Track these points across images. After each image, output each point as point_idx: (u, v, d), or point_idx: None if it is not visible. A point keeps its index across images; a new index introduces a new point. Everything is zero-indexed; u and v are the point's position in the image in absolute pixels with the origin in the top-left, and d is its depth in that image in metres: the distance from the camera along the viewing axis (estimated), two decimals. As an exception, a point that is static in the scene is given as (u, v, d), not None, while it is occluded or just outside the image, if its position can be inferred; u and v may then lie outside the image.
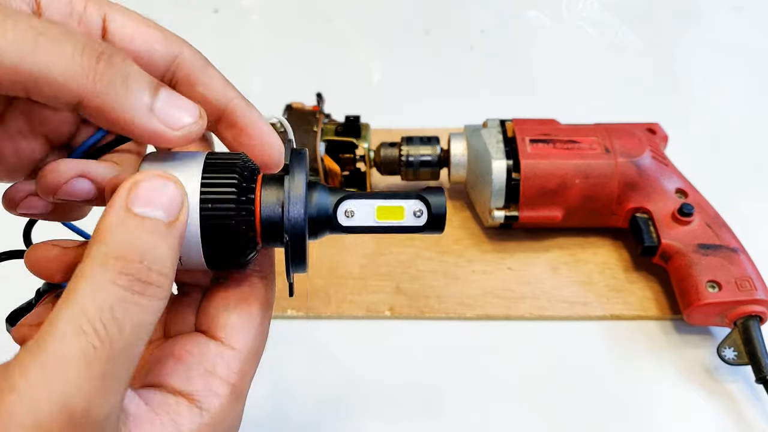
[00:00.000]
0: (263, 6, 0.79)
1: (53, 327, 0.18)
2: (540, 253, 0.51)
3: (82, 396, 0.18)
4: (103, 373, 0.18)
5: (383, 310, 0.48)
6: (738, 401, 0.43)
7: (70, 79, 0.20)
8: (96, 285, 0.19)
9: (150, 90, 0.22)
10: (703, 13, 0.77)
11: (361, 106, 0.55)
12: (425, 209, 0.26)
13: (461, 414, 0.43)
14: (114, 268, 0.19)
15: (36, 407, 0.17)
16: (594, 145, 0.49)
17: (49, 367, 0.18)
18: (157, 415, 0.22)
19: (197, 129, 0.23)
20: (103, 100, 0.21)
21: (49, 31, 0.20)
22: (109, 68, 0.21)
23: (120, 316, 0.19)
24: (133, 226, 0.20)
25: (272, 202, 0.24)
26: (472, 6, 0.77)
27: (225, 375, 0.24)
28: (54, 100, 0.20)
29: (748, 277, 0.44)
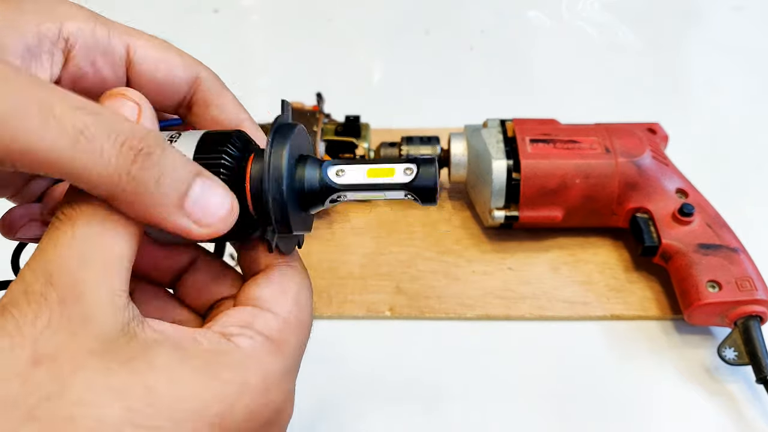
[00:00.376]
0: (263, 6, 0.79)
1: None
2: (540, 253, 0.51)
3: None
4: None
5: (383, 310, 0.48)
6: (738, 401, 0.43)
7: (103, 180, 0.20)
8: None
9: (185, 185, 0.22)
10: (703, 13, 0.77)
11: (361, 106, 0.55)
12: (415, 168, 0.25)
13: (461, 414, 0.43)
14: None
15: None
16: (594, 145, 0.49)
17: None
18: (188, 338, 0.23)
19: (224, 227, 0.23)
20: (132, 200, 0.21)
21: (89, 128, 0.20)
22: (143, 170, 0.21)
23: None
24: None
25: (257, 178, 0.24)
26: (472, 6, 0.77)
27: (261, 327, 0.25)
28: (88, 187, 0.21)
29: (749, 277, 0.44)
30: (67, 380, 0.20)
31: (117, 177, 0.20)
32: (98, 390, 0.20)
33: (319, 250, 0.51)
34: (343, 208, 0.55)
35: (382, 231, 0.53)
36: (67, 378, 0.20)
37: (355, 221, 0.54)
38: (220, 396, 0.22)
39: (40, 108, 0.19)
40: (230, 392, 0.22)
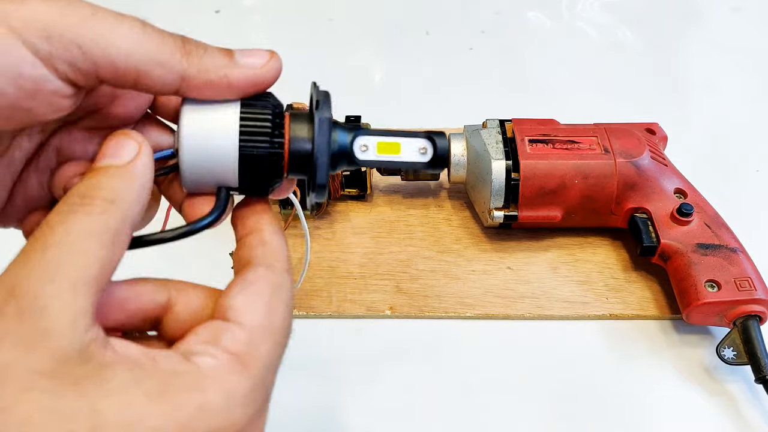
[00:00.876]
0: (264, 6, 0.80)
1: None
2: (539, 252, 0.51)
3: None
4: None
5: (383, 309, 0.48)
6: (737, 401, 0.43)
7: (173, 63, 0.25)
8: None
9: (226, 53, 0.26)
10: (702, 13, 0.77)
11: (362, 106, 0.55)
12: (431, 147, 0.28)
13: (461, 413, 0.43)
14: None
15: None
16: (593, 146, 0.49)
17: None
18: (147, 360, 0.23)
19: (277, 64, 0.27)
20: (197, 68, 0.25)
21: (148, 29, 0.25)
22: (193, 47, 0.26)
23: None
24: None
25: (300, 138, 0.27)
26: (472, 6, 0.78)
27: (227, 344, 0.24)
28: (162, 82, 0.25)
29: (748, 277, 0.44)
30: (15, 398, 0.19)
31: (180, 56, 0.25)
32: (43, 412, 0.19)
33: (319, 249, 0.51)
34: (344, 208, 0.55)
35: (382, 231, 0.53)
36: (16, 396, 0.19)
37: (355, 221, 0.54)
38: (174, 420, 0.21)
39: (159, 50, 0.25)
40: (185, 416, 0.21)
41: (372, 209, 0.55)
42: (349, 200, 0.56)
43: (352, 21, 0.76)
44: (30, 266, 0.21)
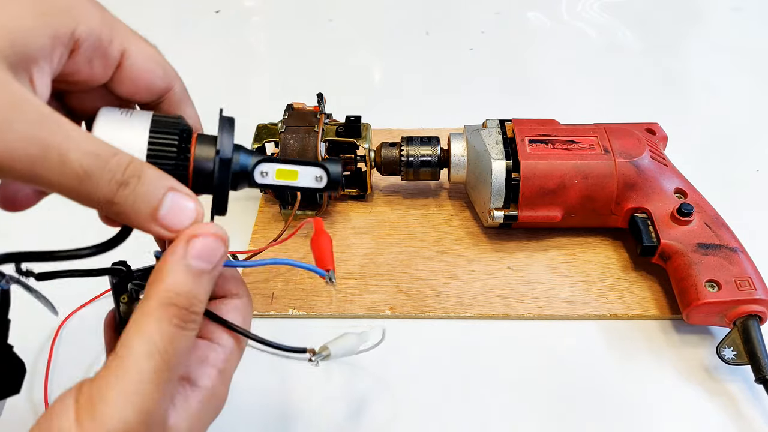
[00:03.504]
0: (264, 7, 0.80)
1: (129, 351, 0.25)
2: (539, 252, 0.51)
3: (154, 402, 0.25)
4: (166, 384, 0.25)
5: (383, 309, 0.48)
6: (737, 401, 0.43)
7: (97, 202, 0.26)
8: (160, 322, 0.26)
9: (155, 202, 0.27)
10: (702, 13, 0.77)
11: (362, 107, 0.56)
12: (325, 176, 0.31)
13: (461, 413, 0.43)
14: (171, 311, 0.26)
15: (123, 413, 0.24)
16: (593, 146, 0.49)
17: (130, 382, 0.24)
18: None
19: (191, 231, 0.27)
20: (118, 214, 0.26)
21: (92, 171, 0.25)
22: (123, 196, 0.26)
23: (176, 344, 0.26)
24: (186, 276, 0.27)
25: (203, 158, 0.29)
26: (472, 6, 0.78)
27: (213, 362, 0.30)
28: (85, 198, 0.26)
29: (748, 277, 0.44)
30: None
31: (106, 201, 0.26)
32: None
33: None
34: (344, 208, 0.55)
35: (382, 231, 0.53)
36: None
37: (356, 221, 0.54)
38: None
39: (59, 154, 0.24)
40: None
41: (372, 209, 0.55)
42: (349, 200, 0.56)
43: (351, 21, 0.77)
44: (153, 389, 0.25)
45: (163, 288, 0.26)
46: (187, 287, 0.26)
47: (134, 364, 0.25)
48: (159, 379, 0.25)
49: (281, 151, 0.50)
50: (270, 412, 0.43)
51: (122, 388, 0.24)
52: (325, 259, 0.35)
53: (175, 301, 0.26)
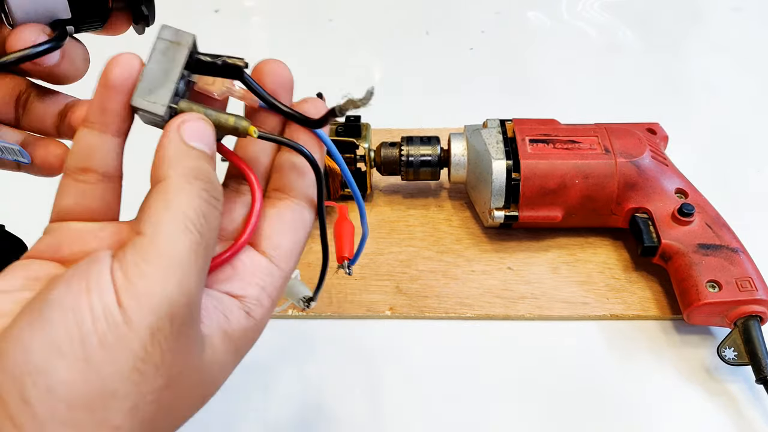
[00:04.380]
0: (264, 6, 0.79)
1: (160, 228, 0.23)
2: (540, 253, 0.51)
3: (194, 281, 0.23)
4: (204, 264, 0.24)
5: (383, 309, 0.48)
6: (738, 401, 0.43)
7: None
8: (190, 196, 0.24)
9: None
10: (703, 13, 0.77)
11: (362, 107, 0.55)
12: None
13: (461, 413, 0.43)
14: (198, 185, 0.24)
15: (167, 289, 0.22)
16: (594, 145, 0.49)
17: (168, 258, 0.22)
18: (211, 307, 0.25)
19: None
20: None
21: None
22: None
23: (209, 218, 0.24)
24: (195, 156, 0.25)
25: None
26: (472, 6, 0.78)
27: (270, 291, 0.27)
28: None
29: (749, 277, 0.44)
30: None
31: None
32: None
33: (320, 249, 0.51)
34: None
35: (382, 231, 0.53)
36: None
37: (356, 221, 0.54)
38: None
39: None
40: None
41: (372, 209, 0.55)
42: (350, 200, 0.56)
43: (351, 21, 0.76)
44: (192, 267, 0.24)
45: (181, 165, 0.24)
46: (202, 164, 0.25)
47: (169, 240, 0.23)
48: (197, 257, 0.23)
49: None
50: (262, 416, 0.43)
51: (161, 264, 0.22)
52: (345, 246, 0.34)
53: (199, 175, 0.24)
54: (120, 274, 0.22)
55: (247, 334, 0.27)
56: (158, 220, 0.23)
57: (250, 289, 0.27)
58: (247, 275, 0.27)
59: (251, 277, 0.27)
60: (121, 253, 0.23)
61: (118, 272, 0.22)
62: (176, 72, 0.26)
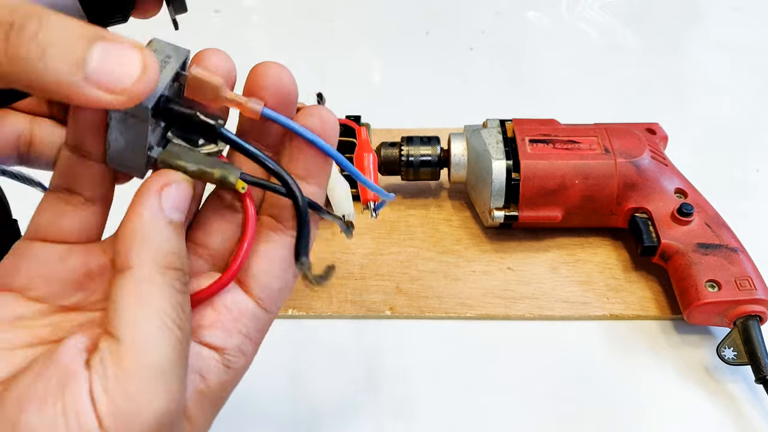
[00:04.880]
0: (264, 6, 0.79)
1: (137, 330, 0.21)
2: (540, 253, 0.51)
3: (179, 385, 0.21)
4: (186, 357, 0.22)
5: (383, 309, 0.48)
6: (738, 401, 0.43)
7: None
8: (163, 288, 0.21)
9: (79, 52, 0.19)
10: (703, 13, 0.77)
11: (362, 106, 0.55)
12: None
13: (461, 413, 0.43)
14: (171, 275, 0.22)
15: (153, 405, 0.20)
16: (594, 146, 0.49)
17: (151, 367, 0.20)
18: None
19: (143, 87, 0.20)
20: (25, 82, 0.19)
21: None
22: (21, 45, 0.18)
23: (185, 306, 0.22)
24: (169, 235, 0.22)
25: None
26: (472, 6, 0.78)
27: (255, 336, 0.25)
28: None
29: (748, 277, 0.44)
30: None
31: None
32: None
33: (320, 249, 0.51)
34: (344, 208, 0.55)
35: (382, 231, 0.53)
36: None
37: (356, 221, 0.54)
38: None
39: None
40: None
41: (372, 209, 0.55)
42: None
43: (351, 21, 0.76)
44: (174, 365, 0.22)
45: (153, 251, 0.22)
46: (176, 245, 0.22)
47: (150, 345, 0.20)
48: (181, 356, 0.21)
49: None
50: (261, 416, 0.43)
51: (145, 376, 0.20)
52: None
53: (173, 262, 0.22)
54: (99, 390, 0.20)
55: (225, 387, 0.24)
56: (134, 321, 0.21)
57: (232, 340, 0.24)
58: (230, 322, 0.24)
59: (234, 323, 0.24)
60: (98, 363, 0.20)
61: (98, 388, 0.20)
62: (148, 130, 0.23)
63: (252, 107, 0.25)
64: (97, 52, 0.19)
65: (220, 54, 0.25)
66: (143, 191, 0.23)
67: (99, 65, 0.19)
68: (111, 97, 0.20)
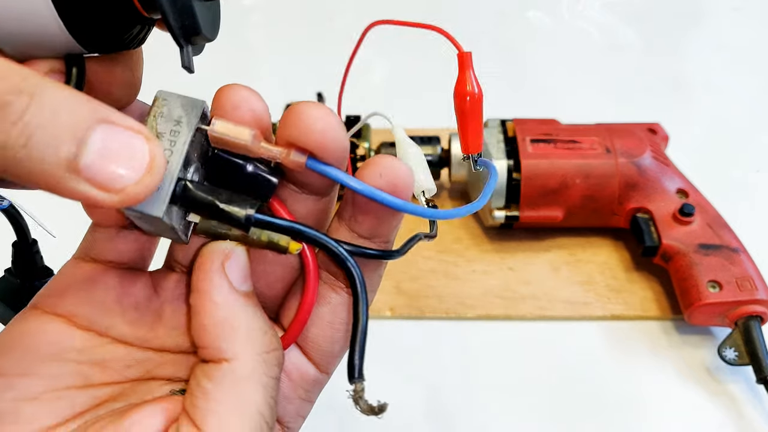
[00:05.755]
0: (264, 6, 0.79)
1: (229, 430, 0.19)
2: (540, 253, 0.51)
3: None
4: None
5: (383, 310, 0.48)
6: (739, 401, 0.43)
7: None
8: (260, 385, 0.20)
9: (73, 145, 0.16)
10: (703, 13, 0.77)
11: (362, 106, 0.55)
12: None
13: (462, 414, 0.43)
14: (270, 360, 0.21)
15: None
16: (595, 145, 0.49)
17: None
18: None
19: (142, 190, 0.17)
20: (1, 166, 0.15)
21: None
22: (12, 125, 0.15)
23: (275, 399, 0.21)
24: (251, 308, 0.21)
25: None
26: (472, 6, 0.77)
27: (312, 397, 0.25)
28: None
29: (749, 277, 0.44)
30: None
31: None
32: None
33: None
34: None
35: (382, 231, 0.53)
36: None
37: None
38: None
39: None
40: None
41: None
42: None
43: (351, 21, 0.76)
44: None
45: (249, 339, 0.20)
46: (262, 319, 0.21)
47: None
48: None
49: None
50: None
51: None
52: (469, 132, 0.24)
53: (268, 344, 0.21)
54: None
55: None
56: (227, 424, 0.19)
57: (291, 406, 0.23)
58: (290, 389, 0.23)
59: (295, 389, 0.23)
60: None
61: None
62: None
63: (294, 160, 0.21)
64: (96, 141, 0.16)
65: (242, 92, 0.21)
66: (204, 274, 0.21)
67: (95, 160, 0.16)
68: (104, 196, 0.16)
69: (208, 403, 0.19)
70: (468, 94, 0.25)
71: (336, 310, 0.23)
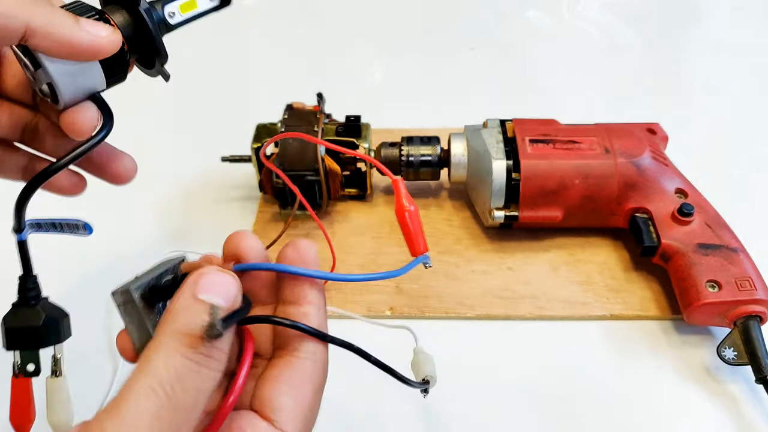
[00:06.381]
0: (264, 6, 0.79)
1: (130, 388, 0.22)
2: (540, 253, 0.51)
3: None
4: (169, 429, 0.22)
5: (383, 309, 0.48)
6: (738, 401, 0.43)
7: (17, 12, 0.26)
8: (168, 353, 0.22)
9: (72, 16, 0.28)
10: (703, 13, 0.77)
11: (362, 106, 0.55)
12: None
13: (461, 414, 0.43)
14: (182, 341, 0.23)
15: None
16: (594, 146, 0.49)
17: (126, 426, 0.21)
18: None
19: (117, 38, 0.29)
20: (42, 21, 0.27)
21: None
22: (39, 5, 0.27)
23: (186, 379, 0.22)
24: (196, 310, 0.23)
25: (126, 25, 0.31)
26: (472, 6, 0.78)
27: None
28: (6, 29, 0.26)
29: (748, 277, 0.44)
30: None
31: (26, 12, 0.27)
32: None
33: (320, 249, 0.51)
34: (344, 208, 0.55)
35: (382, 231, 0.53)
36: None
37: (356, 221, 0.54)
38: None
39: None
40: None
41: (372, 209, 0.55)
42: (349, 200, 0.56)
43: (351, 21, 0.76)
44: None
45: (177, 320, 0.23)
46: (201, 318, 0.23)
47: (132, 403, 0.21)
48: (161, 423, 0.21)
49: (281, 151, 0.50)
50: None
51: (120, 429, 0.21)
52: (418, 239, 0.33)
53: (191, 330, 0.23)
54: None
55: None
56: (131, 380, 0.22)
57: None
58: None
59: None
60: (97, 414, 0.22)
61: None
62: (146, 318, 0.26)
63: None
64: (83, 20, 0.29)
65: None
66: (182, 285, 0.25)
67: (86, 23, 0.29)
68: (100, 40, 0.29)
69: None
70: (406, 210, 0.33)
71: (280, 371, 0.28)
